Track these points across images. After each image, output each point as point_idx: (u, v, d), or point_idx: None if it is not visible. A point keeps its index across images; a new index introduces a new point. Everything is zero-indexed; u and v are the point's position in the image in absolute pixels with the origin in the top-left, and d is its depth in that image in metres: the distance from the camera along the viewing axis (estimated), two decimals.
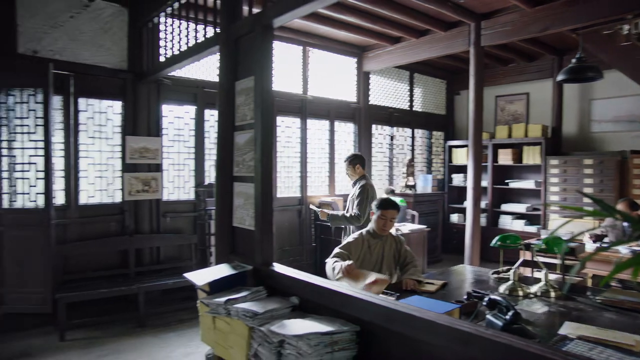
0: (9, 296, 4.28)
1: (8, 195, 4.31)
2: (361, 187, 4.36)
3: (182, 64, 4.22)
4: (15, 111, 4.30)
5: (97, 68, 4.85)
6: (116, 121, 5.01)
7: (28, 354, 3.91)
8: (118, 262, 4.94)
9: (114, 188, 5.00)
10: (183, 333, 4.36)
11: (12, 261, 4.27)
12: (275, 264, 2.86)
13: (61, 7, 4.63)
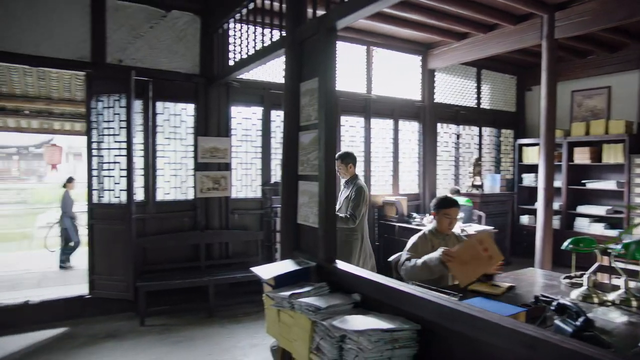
0: (98, 282, 4.74)
1: (97, 192, 4.76)
2: (358, 189, 4.30)
3: (249, 67, 4.41)
4: (104, 115, 4.73)
5: (173, 73, 5.18)
6: (189, 123, 5.33)
7: (113, 335, 4.29)
8: (190, 255, 5.26)
9: (187, 186, 5.33)
10: (249, 325, 4.55)
11: (101, 251, 4.73)
12: (338, 261, 2.92)
13: (142, 19, 5.01)
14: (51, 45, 4.59)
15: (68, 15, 4.66)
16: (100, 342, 4.12)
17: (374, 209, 6.50)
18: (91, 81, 4.78)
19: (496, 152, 8.20)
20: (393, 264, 3.46)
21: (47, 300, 4.64)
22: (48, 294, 4.90)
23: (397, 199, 6.33)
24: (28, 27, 4.50)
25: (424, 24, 5.92)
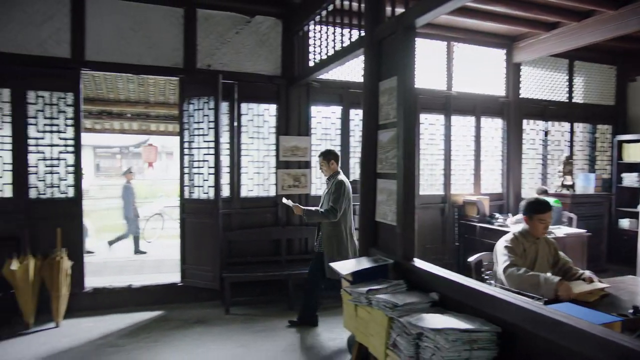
0: (189, 272, 5.14)
1: (188, 188, 5.16)
2: (337, 182, 4.33)
3: (329, 68, 4.51)
4: (194, 117, 5.10)
5: (256, 76, 5.44)
6: (271, 122, 5.57)
7: (202, 321, 4.63)
8: (272, 249, 5.50)
9: (269, 183, 5.57)
10: (327, 319, 4.66)
11: (191, 243, 5.12)
12: (416, 260, 2.92)
13: (229, 25, 5.32)
14: (151, 55, 5.04)
15: (165, 27, 5.09)
16: (191, 327, 4.46)
17: (454, 208, 6.33)
18: (183, 85, 5.18)
19: (590, 150, 7.58)
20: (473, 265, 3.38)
21: (146, 286, 5.11)
22: (147, 279, 5.39)
23: (479, 199, 6.11)
24: (133, 40, 4.97)
25: (509, 16, 5.65)
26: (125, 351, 3.88)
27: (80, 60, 4.77)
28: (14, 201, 4.57)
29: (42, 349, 3.89)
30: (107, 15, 4.88)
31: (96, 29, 4.84)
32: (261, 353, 3.90)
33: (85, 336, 4.19)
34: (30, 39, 4.64)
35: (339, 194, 4.26)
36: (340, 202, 4.25)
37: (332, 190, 4.31)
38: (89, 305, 4.83)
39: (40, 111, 4.67)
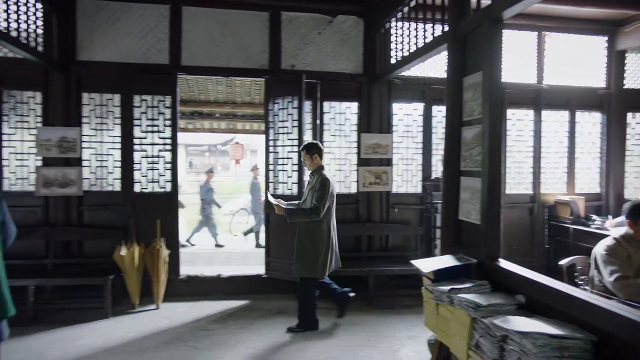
0: (272, 264, 5.39)
1: (273, 184, 5.40)
2: (322, 180, 4.15)
3: (411, 64, 4.47)
4: (279, 115, 5.32)
5: (338, 74, 5.54)
6: (353, 120, 5.63)
7: (284, 311, 4.84)
8: (352, 245, 5.57)
9: (350, 180, 5.65)
10: (407, 317, 4.65)
11: (275, 237, 5.37)
12: (501, 260, 2.83)
13: (311, 26, 5.47)
14: (239, 57, 5.34)
15: (252, 31, 5.36)
16: (273, 317, 4.69)
17: (544, 209, 5.96)
18: (269, 86, 5.43)
19: None
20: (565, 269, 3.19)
21: (234, 276, 5.44)
22: (234, 270, 5.73)
23: (573, 199, 5.69)
24: (223, 44, 5.31)
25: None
26: (215, 335, 4.18)
27: (177, 66, 5.19)
28: (122, 195, 5.11)
29: (146, 327, 4.32)
30: (200, 23, 5.25)
31: (191, 37, 5.23)
32: (340, 346, 4.00)
33: (181, 319, 4.57)
34: (136, 50, 5.13)
35: (323, 192, 4.12)
36: (324, 201, 4.12)
37: (316, 187, 4.18)
38: (184, 291, 5.25)
39: (144, 113, 5.17)
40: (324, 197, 4.11)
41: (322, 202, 4.10)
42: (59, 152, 4.93)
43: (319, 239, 4.21)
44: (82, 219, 5.07)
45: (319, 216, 4.12)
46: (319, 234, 4.21)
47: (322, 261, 4.20)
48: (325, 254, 4.21)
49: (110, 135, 5.15)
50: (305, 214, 4.12)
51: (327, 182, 4.16)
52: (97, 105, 5.13)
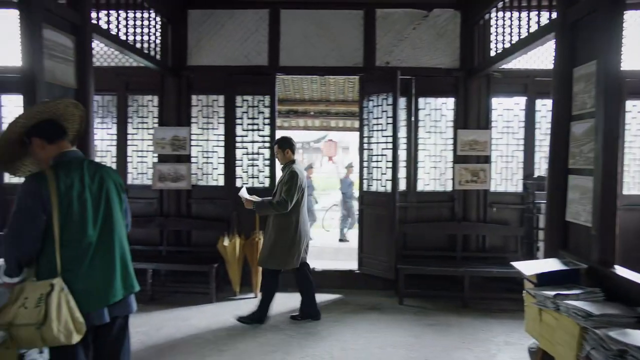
0: (365, 260, 5.44)
1: (367, 181, 5.45)
2: (290, 172, 4.17)
3: (513, 56, 4.24)
4: (373, 113, 5.35)
5: (433, 70, 5.41)
6: (449, 116, 5.48)
7: (377, 308, 4.86)
8: (446, 245, 5.43)
9: (446, 178, 5.50)
10: (505, 322, 4.43)
11: (369, 233, 5.42)
12: (617, 267, 2.59)
13: (406, 22, 5.40)
14: (334, 56, 5.46)
15: (346, 30, 5.44)
16: (366, 312, 4.73)
17: None
18: (363, 83, 5.47)
19: None
20: None
21: (327, 270, 5.58)
22: (327, 265, 5.87)
23: None
24: (318, 44, 5.46)
25: None
26: (309, 326, 4.34)
27: (275, 67, 5.45)
28: (225, 189, 5.50)
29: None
30: (297, 25, 5.44)
31: (288, 38, 5.45)
32: (434, 346, 3.93)
33: (278, 308, 4.79)
34: (238, 53, 5.48)
35: (291, 184, 4.12)
36: (293, 193, 4.11)
37: (284, 180, 4.19)
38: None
39: (245, 112, 5.50)
40: (292, 190, 4.14)
41: (290, 195, 4.13)
42: (171, 150, 5.44)
43: (287, 232, 4.23)
44: (191, 211, 5.55)
45: (287, 209, 4.15)
46: (287, 227, 4.23)
47: (287, 254, 4.22)
48: (291, 248, 4.22)
49: (215, 134, 5.56)
50: (273, 207, 4.18)
51: (295, 175, 4.19)
52: (203, 106, 5.57)
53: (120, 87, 5.52)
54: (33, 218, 2.01)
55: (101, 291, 2.13)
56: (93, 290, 2.10)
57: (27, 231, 2.01)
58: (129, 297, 2.29)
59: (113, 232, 2.22)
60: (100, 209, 2.18)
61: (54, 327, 1.91)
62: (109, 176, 2.28)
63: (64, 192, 2.06)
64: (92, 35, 3.53)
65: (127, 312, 2.29)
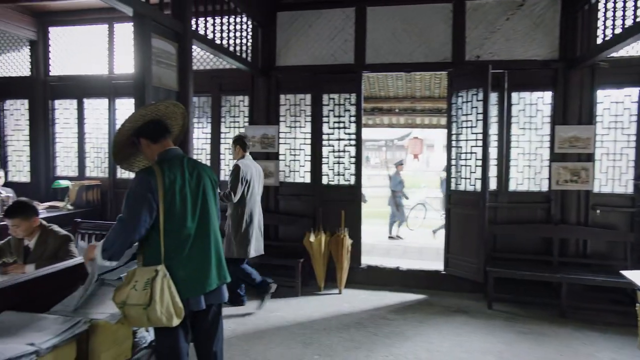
0: (452, 261, 5.28)
1: (455, 179, 5.27)
2: (234, 166, 4.50)
3: (625, 43, 3.83)
4: (462, 109, 5.16)
5: (528, 62, 5.09)
6: (545, 111, 5.11)
7: (464, 311, 4.69)
8: (541, 248, 5.09)
9: (541, 177, 5.14)
10: (611, 337, 4.05)
11: (456, 233, 5.24)
12: None
13: (499, 12, 5.13)
14: (421, 52, 5.35)
15: (434, 24, 5.30)
16: (452, 315, 4.59)
17: None
18: (452, 79, 5.30)
19: None
20: None
21: (412, 270, 5.50)
22: (411, 264, 5.78)
23: None
24: (405, 40, 5.38)
25: None
26: (394, 325, 4.31)
27: (361, 65, 5.46)
28: (311, 186, 5.64)
29: (330, 310, 4.70)
30: (383, 22, 5.41)
31: (374, 35, 5.44)
32: (527, 355, 3.71)
33: (361, 305, 4.84)
34: (325, 52, 5.57)
35: (232, 177, 4.45)
36: (235, 186, 4.40)
37: (230, 174, 4.54)
38: (364, 279, 5.52)
39: (331, 111, 5.59)
40: (234, 182, 4.43)
41: (233, 187, 4.43)
42: (261, 147, 5.68)
43: (238, 223, 4.52)
44: (278, 207, 5.76)
45: (231, 200, 4.45)
46: (238, 219, 4.53)
47: (238, 243, 4.49)
48: (242, 238, 4.49)
49: (302, 132, 5.72)
50: (221, 197, 4.41)
51: (237, 168, 4.47)
52: (291, 105, 5.74)
53: (215, 88, 5.87)
54: (147, 206, 2.21)
55: (198, 280, 2.29)
56: (191, 278, 2.26)
57: (143, 217, 2.20)
58: (222, 287, 2.44)
59: (209, 225, 2.38)
60: (198, 203, 2.35)
61: (157, 309, 2.10)
62: (205, 172, 2.45)
63: (168, 186, 2.24)
64: (192, 41, 3.80)
65: (220, 300, 2.45)
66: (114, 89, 6.15)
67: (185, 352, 2.36)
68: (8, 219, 3.12)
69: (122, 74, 6.11)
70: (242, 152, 4.69)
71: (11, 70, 6.60)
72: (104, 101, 6.25)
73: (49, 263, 2.96)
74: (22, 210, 3.15)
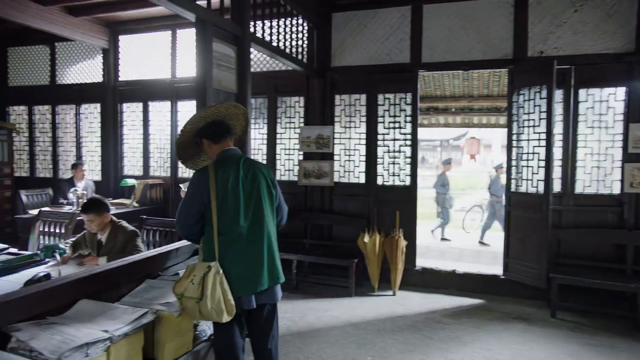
0: (511, 265, 5.07)
1: (515, 181, 5.06)
2: None
3: None
4: (524, 107, 4.93)
5: (598, 56, 4.78)
6: (618, 109, 4.77)
7: (524, 318, 4.49)
8: (612, 255, 4.76)
9: (612, 179, 4.80)
10: None
11: (516, 237, 5.03)
12: None
13: (565, 5, 4.86)
14: (480, 49, 5.18)
15: (493, 20, 5.12)
16: (512, 322, 4.40)
17: None
18: (512, 76, 5.08)
19: None
20: None
21: (468, 273, 5.33)
22: (468, 267, 5.62)
23: None
24: (463, 37, 5.24)
25: None
26: (449, 329, 4.20)
27: (417, 63, 5.38)
28: (366, 186, 5.62)
29: (383, 311, 4.66)
30: (440, 19, 5.29)
31: (430, 33, 5.34)
32: None
33: (415, 308, 4.76)
34: (380, 52, 5.54)
35: None
36: None
37: None
38: (418, 281, 5.43)
39: (386, 111, 5.55)
40: None
41: None
42: (315, 148, 5.73)
43: None
44: (333, 207, 5.78)
45: None
46: None
47: None
48: None
49: (357, 132, 5.70)
50: None
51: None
52: (346, 106, 5.75)
53: (271, 89, 6.00)
54: (197, 205, 2.33)
55: (249, 279, 2.34)
56: (242, 277, 2.31)
57: (189, 216, 2.35)
58: (275, 287, 2.46)
59: (262, 226, 2.40)
60: (252, 203, 2.39)
61: (208, 304, 2.18)
62: (261, 173, 2.48)
63: (221, 185, 2.32)
64: (250, 44, 3.91)
65: (272, 300, 2.47)
66: (175, 91, 6.46)
67: (240, 347, 2.43)
68: (83, 214, 3.36)
69: (184, 77, 6.41)
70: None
71: (86, 77, 7.13)
72: (167, 104, 6.58)
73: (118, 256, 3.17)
74: (96, 206, 3.38)
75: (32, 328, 1.92)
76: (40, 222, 4.23)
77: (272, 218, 2.51)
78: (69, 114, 7.32)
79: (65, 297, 2.22)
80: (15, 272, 2.89)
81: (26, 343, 1.80)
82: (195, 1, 3.23)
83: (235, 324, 2.38)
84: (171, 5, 3.02)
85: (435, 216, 9.55)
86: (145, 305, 2.39)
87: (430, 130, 18.80)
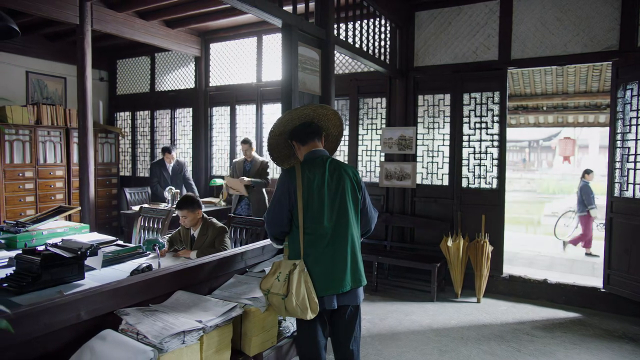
0: (614, 278, 4.61)
1: (619, 185, 4.60)
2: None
3: None
4: (631, 104, 4.47)
5: None
6: None
7: (631, 337, 4.07)
8: None
9: None
10: None
11: (620, 247, 4.57)
12: None
13: None
14: (578, 42, 4.79)
15: (595, 9, 4.71)
16: (616, 340, 4.00)
17: None
18: (617, 70, 4.63)
19: None
20: None
21: (562, 284, 4.94)
22: (560, 277, 5.21)
23: None
24: (558, 30, 4.88)
25: None
26: (540, 343, 3.93)
27: (506, 61, 5.10)
28: (449, 189, 5.44)
29: (467, 319, 4.47)
30: (532, 12, 4.98)
31: (521, 28, 5.04)
32: None
33: (502, 317, 4.51)
34: (465, 50, 5.34)
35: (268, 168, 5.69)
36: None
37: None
38: (504, 289, 5.15)
39: (472, 110, 5.32)
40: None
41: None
42: (397, 149, 5.66)
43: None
44: (414, 209, 5.66)
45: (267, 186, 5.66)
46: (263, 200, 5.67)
47: None
48: None
49: (441, 133, 5.54)
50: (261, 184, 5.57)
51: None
52: (429, 106, 5.61)
53: (353, 91, 6.02)
54: (283, 204, 2.40)
55: (332, 280, 2.35)
56: (325, 278, 2.34)
57: (277, 215, 2.43)
58: (357, 290, 2.45)
59: (346, 227, 2.40)
60: (336, 204, 2.40)
61: (293, 301, 2.23)
62: (347, 174, 2.48)
63: (306, 186, 2.37)
64: (334, 46, 3.95)
65: (354, 302, 2.45)
66: (260, 95, 6.73)
67: (322, 345, 2.47)
68: (178, 210, 3.61)
69: (268, 81, 6.65)
70: None
71: (180, 83, 7.68)
72: (252, 107, 6.87)
73: (207, 251, 3.37)
74: (190, 203, 3.62)
75: (138, 313, 2.10)
76: (141, 217, 4.61)
77: (356, 220, 2.49)
78: (165, 119, 7.92)
79: (164, 288, 2.40)
80: (122, 262, 3.18)
81: (134, 326, 1.97)
82: (282, 7, 3.34)
83: (318, 322, 2.43)
84: (259, 12, 3.15)
85: (526, 222, 8.95)
86: (234, 299, 2.51)
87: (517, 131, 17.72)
